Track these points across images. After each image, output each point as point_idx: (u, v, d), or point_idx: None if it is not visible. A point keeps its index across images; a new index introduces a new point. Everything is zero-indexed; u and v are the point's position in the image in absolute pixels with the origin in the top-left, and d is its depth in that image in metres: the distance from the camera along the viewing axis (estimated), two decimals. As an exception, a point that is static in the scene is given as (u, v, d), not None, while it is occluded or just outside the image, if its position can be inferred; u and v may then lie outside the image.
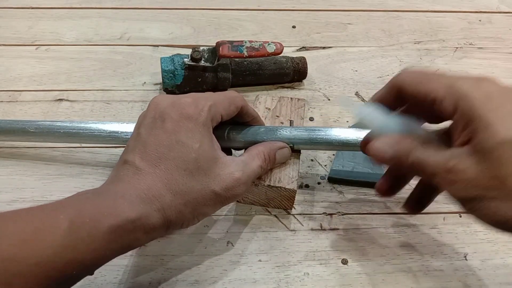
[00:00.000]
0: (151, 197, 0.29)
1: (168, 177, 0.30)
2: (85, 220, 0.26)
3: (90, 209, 0.27)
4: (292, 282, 0.36)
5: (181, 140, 0.31)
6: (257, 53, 0.46)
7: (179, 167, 0.31)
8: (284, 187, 0.37)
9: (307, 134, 0.39)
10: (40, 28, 0.59)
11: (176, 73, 0.48)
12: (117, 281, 0.35)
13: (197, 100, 0.33)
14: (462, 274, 0.36)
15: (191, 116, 0.32)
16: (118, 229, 0.27)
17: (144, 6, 0.64)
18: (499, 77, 0.26)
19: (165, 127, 0.32)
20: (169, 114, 0.32)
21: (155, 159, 0.31)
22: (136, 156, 0.31)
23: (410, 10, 0.65)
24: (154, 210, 0.29)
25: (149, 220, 0.29)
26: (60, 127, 0.41)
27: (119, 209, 0.28)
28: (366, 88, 0.53)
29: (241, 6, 0.64)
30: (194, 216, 0.32)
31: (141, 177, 0.30)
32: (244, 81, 0.51)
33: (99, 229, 0.26)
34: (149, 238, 0.30)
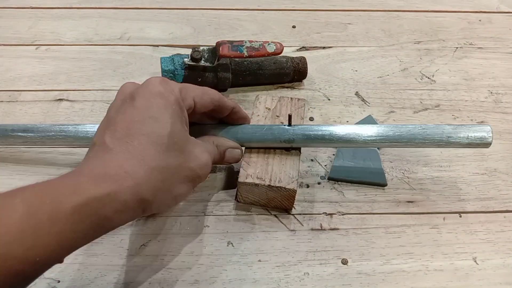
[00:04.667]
0: (123, 173, 0.27)
1: (143, 152, 0.29)
2: (44, 202, 0.24)
3: (50, 190, 0.25)
4: (292, 282, 0.36)
5: (154, 116, 0.30)
6: (257, 53, 0.46)
7: (154, 142, 0.29)
8: (285, 187, 0.37)
9: (304, 131, 0.39)
10: (40, 28, 0.59)
11: (176, 73, 0.48)
12: (117, 281, 0.35)
13: (166, 81, 0.33)
14: (462, 274, 0.36)
15: (162, 93, 0.31)
16: (82, 208, 0.25)
17: (144, 6, 0.64)
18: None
19: (135, 105, 0.31)
20: (139, 93, 0.31)
21: (127, 135, 0.29)
22: (105, 136, 0.30)
23: (410, 10, 0.65)
24: (126, 186, 0.27)
25: (119, 198, 0.27)
26: (59, 132, 0.41)
27: (83, 187, 0.26)
28: (366, 88, 0.53)
29: (241, 6, 0.64)
30: (172, 196, 0.31)
31: (111, 155, 0.28)
32: (245, 81, 0.51)
33: (61, 210, 0.24)
34: (122, 218, 0.28)
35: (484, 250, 0.38)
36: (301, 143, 0.40)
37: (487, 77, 0.54)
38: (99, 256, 0.37)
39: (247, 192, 0.39)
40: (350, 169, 0.43)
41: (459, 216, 0.40)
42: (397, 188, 0.42)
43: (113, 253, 0.37)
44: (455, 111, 0.50)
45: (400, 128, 0.39)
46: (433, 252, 0.38)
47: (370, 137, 0.39)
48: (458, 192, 0.42)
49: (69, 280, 0.35)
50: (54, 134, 0.41)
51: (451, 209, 0.41)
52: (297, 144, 0.40)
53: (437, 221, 0.40)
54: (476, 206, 0.41)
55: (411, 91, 0.52)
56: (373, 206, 0.41)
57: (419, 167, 0.44)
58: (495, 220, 0.40)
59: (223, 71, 0.49)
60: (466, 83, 0.54)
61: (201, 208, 0.40)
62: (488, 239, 0.39)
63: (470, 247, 0.38)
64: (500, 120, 0.49)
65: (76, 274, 0.36)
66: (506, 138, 0.47)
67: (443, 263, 0.37)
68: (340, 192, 0.42)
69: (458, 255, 0.38)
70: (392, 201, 0.41)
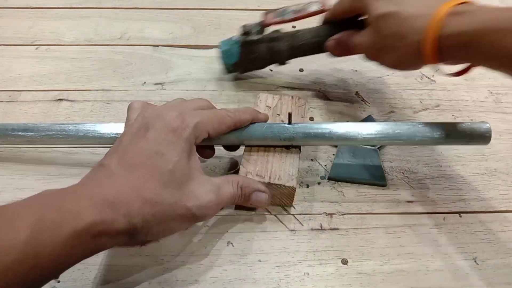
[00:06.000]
0: (119, 202, 0.29)
1: (140, 184, 0.30)
2: (47, 225, 0.26)
3: (53, 213, 0.26)
4: (292, 282, 0.36)
5: (160, 151, 0.31)
6: (300, 15, 0.45)
7: (154, 176, 0.30)
8: (284, 185, 0.38)
9: (304, 129, 0.40)
10: (40, 28, 0.59)
11: (232, 52, 0.49)
12: (117, 281, 0.35)
13: (183, 115, 0.34)
14: (462, 274, 0.36)
15: (175, 130, 0.32)
16: (81, 233, 0.26)
17: (144, 6, 0.64)
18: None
19: (147, 137, 0.32)
20: (154, 125, 0.33)
21: (131, 165, 0.30)
22: (112, 160, 0.31)
23: (410, 10, 0.64)
24: (121, 215, 0.28)
25: (114, 225, 0.28)
26: (59, 131, 0.41)
27: (82, 212, 0.27)
28: (366, 88, 0.53)
29: (241, 6, 0.64)
30: (160, 230, 0.31)
31: (112, 180, 0.30)
32: (303, 51, 0.49)
33: (62, 234, 0.26)
34: (114, 243, 0.29)
35: (484, 250, 0.38)
36: (301, 141, 0.40)
37: (487, 77, 0.54)
38: (99, 256, 0.37)
39: None
40: (350, 169, 0.43)
41: (459, 216, 0.40)
42: (397, 188, 0.42)
43: (113, 253, 0.37)
44: (455, 111, 0.50)
45: (400, 126, 0.39)
46: (433, 252, 0.38)
47: (370, 134, 0.39)
48: (458, 192, 0.42)
49: (69, 280, 0.35)
50: (54, 133, 0.41)
51: (451, 209, 0.41)
52: (297, 142, 0.40)
53: (437, 221, 0.40)
54: (476, 206, 0.41)
55: (411, 91, 0.52)
56: (373, 206, 0.41)
57: (419, 167, 0.44)
58: (495, 220, 0.40)
59: (277, 42, 0.48)
60: (466, 83, 0.54)
61: (201, 208, 0.40)
62: (488, 239, 0.39)
63: (470, 247, 0.38)
64: (500, 120, 0.49)
65: (76, 274, 0.36)
66: (506, 138, 0.47)
67: (443, 263, 0.37)
68: (340, 192, 0.42)
69: (458, 255, 0.38)
70: (392, 201, 0.41)
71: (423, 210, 0.41)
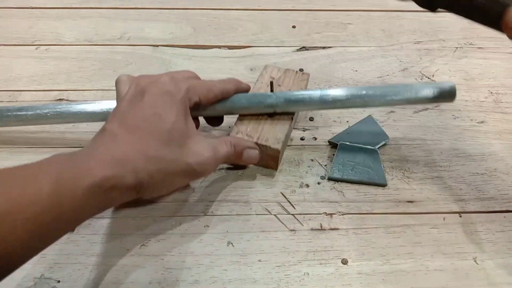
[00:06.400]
0: (125, 160, 0.31)
1: (142, 144, 0.32)
2: (66, 180, 0.28)
3: (69, 170, 0.29)
4: (292, 282, 0.36)
5: (158, 113, 0.34)
6: None
7: (153, 136, 0.33)
8: (269, 146, 0.40)
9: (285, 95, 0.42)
10: (40, 28, 0.59)
11: None
12: (117, 281, 0.35)
13: (176, 80, 0.36)
14: (462, 274, 0.36)
15: (169, 93, 0.35)
16: (95, 187, 0.29)
17: (144, 6, 0.64)
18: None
19: (144, 101, 0.34)
20: (149, 90, 0.35)
21: (132, 127, 0.33)
22: (114, 125, 0.33)
23: (410, 10, 0.65)
24: (128, 171, 0.31)
25: (123, 181, 0.30)
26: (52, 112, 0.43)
27: (95, 170, 0.29)
28: (366, 88, 0.53)
29: (241, 6, 0.64)
30: (164, 185, 0.34)
31: (117, 142, 0.32)
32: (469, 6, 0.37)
33: (79, 188, 0.28)
34: (123, 198, 0.32)
35: (484, 250, 0.38)
36: (283, 107, 0.42)
37: (487, 77, 0.54)
38: (99, 256, 0.37)
39: None
40: (350, 169, 0.43)
41: (459, 216, 0.40)
42: (397, 188, 0.42)
43: (113, 253, 0.37)
44: (455, 111, 0.50)
45: (374, 88, 0.42)
46: (433, 252, 0.38)
47: (345, 96, 0.42)
48: (458, 192, 0.42)
49: (69, 280, 0.35)
50: (48, 111, 0.42)
51: (451, 209, 0.41)
52: (280, 108, 0.42)
53: (437, 221, 0.40)
54: (476, 206, 0.41)
55: (411, 91, 0.52)
56: (373, 206, 0.41)
57: (419, 167, 0.44)
58: (495, 220, 0.40)
59: None
60: (466, 83, 0.54)
61: (201, 208, 0.40)
62: (488, 239, 0.39)
63: (470, 247, 0.38)
64: (500, 120, 0.49)
65: (76, 274, 0.36)
66: (506, 138, 0.47)
67: (443, 263, 0.37)
68: (340, 192, 0.42)
69: (458, 255, 0.38)
70: (392, 201, 0.41)
71: (423, 210, 0.41)
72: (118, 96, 0.37)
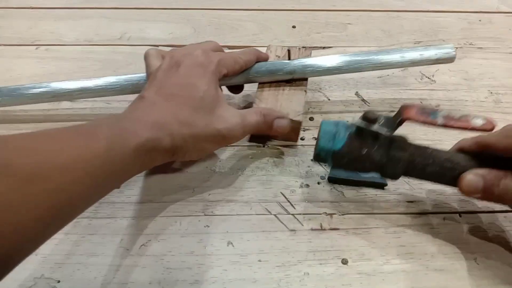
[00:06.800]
0: (163, 124, 0.34)
1: (177, 110, 0.35)
2: (117, 140, 0.30)
3: (119, 131, 0.32)
4: (292, 282, 0.36)
5: (192, 82, 0.37)
6: (456, 124, 0.34)
7: (187, 103, 0.36)
8: (292, 119, 0.42)
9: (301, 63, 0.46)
10: (40, 28, 0.59)
11: (337, 136, 0.36)
12: (117, 281, 0.35)
13: (207, 53, 0.40)
14: (462, 274, 0.36)
15: (202, 64, 0.38)
16: (141, 147, 0.32)
17: (144, 6, 0.64)
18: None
19: (179, 71, 0.38)
20: (184, 62, 0.38)
21: (168, 95, 0.36)
22: (151, 92, 0.36)
23: (410, 10, 0.65)
24: (166, 134, 0.34)
25: (161, 143, 0.33)
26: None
27: (139, 131, 0.32)
28: (366, 88, 0.53)
29: (241, 6, 0.64)
30: (196, 149, 0.37)
31: (154, 108, 0.35)
32: (424, 173, 0.36)
33: (128, 147, 0.31)
34: (161, 159, 0.35)
35: (484, 250, 0.38)
36: (301, 73, 0.46)
37: (487, 77, 0.54)
38: (99, 256, 0.37)
39: None
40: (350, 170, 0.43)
41: (459, 216, 0.40)
42: (397, 188, 0.42)
43: (113, 253, 0.37)
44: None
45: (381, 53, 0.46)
46: (433, 252, 0.38)
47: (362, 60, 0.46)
48: (458, 192, 0.42)
49: (69, 280, 0.35)
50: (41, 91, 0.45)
51: (451, 209, 0.41)
52: (298, 75, 0.46)
53: (437, 221, 0.40)
54: (476, 206, 0.41)
55: (411, 91, 0.52)
56: (373, 206, 0.41)
57: (419, 167, 0.44)
58: (495, 220, 0.40)
59: (399, 150, 0.35)
60: (466, 83, 0.54)
61: (201, 208, 0.40)
62: (488, 239, 0.39)
63: (470, 247, 0.38)
64: (500, 120, 0.49)
65: (76, 274, 0.36)
66: (506, 138, 0.47)
67: (443, 263, 0.37)
68: (340, 192, 0.42)
69: (458, 255, 0.38)
70: (392, 201, 0.41)
71: (423, 210, 0.41)
72: (149, 69, 0.40)
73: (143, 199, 0.41)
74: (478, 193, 0.34)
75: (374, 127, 0.34)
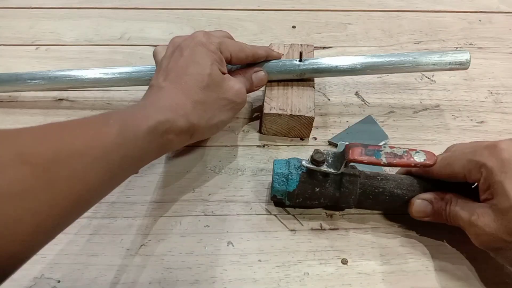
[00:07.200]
0: (175, 105, 0.35)
1: (188, 90, 0.36)
2: (128, 123, 0.31)
3: (130, 116, 0.32)
4: (292, 282, 0.36)
5: (196, 61, 0.38)
6: (399, 162, 0.35)
7: (197, 81, 0.37)
8: (304, 115, 0.43)
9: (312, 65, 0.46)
10: (40, 28, 0.59)
11: (289, 178, 0.38)
12: (117, 281, 0.35)
13: (209, 34, 0.40)
14: (463, 274, 0.36)
15: (204, 43, 0.39)
16: (154, 130, 0.32)
17: (144, 6, 0.64)
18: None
19: (182, 54, 0.38)
20: (186, 45, 0.39)
21: (176, 77, 0.37)
22: (159, 79, 0.37)
23: (410, 10, 0.65)
24: (180, 115, 0.34)
25: (176, 124, 0.34)
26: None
27: (150, 115, 0.33)
28: (366, 88, 0.53)
29: (241, 6, 0.64)
30: (213, 123, 0.38)
31: (165, 92, 0.36)
32: (376, 202, 0.38)
33: (140, 130, 0.31)
34: (180, 141, 0.35)
35: (484, 250, 0.38)
36: (311, 74, 0.46)
37: (487, 77, 0.54)
38: (99, 256, 0.37)
39: (271, 123, 0.45)
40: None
41: (459, 216, 0.40)
42: (397, 188, 0.42)
43: (113, 253, 0.37)
44: (455, 111, 0.50)
45: (395, 55, 0.45)
46: (433, 252, 0.38)
47: (374, 63, 0.45)
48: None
49: (69, 280, 0.35)
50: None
51: (451, 209, 0.41)
52: (308, 75, 0.46)
53: (437, 221, 0.40)
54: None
55: (411, 91, 0.52)
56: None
57: (419, 167, 0.44)
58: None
59: (349, 183, 0.37)
60: (466, 83, 0.54)
61: (201, 208, 0.40)
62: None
63: (470, 247, 0.38)
64: (500, 120, 0.49)
65: (76, 274, 0.36)
66: (506, 138, 0.47)
67: (443, 263, 0.37)
68: (340, 192, 0.42)
69: (458, 255, 0.38)
70: (392, 201, 0.41)
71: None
72: (157, 63, 0.41)
73: (143, 199, 0.41)
74: (428, 216, 0.37)
75: (323, 167, 0.36)
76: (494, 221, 0.31)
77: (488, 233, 0.32)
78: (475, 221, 0.32)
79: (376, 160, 0.34)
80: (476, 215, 0.32)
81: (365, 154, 0.35)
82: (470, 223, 0.33)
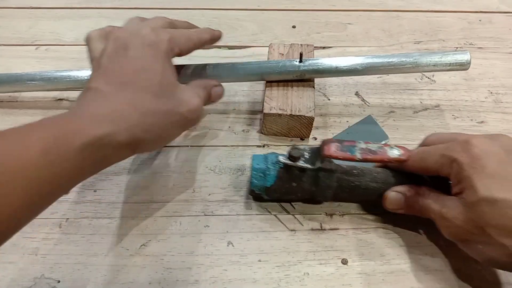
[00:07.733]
0: (118, 117, 0.30)
1: (135, 99, 0.31)
2: (57, 140, 0.27)
3: (60, 130, 0.28)
4: (292, 282, 0.36)
5: (145, 66, 0.33)
6: (374, 157, 0.36)
7: (145, 90, 0.32)
8: (304, 115, 0.43)
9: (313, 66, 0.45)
10: (40, 28, 0.59)
11: (267, 173, 0.38)
12: (117, 281, 0.35)
13: (156, 30, 0.35)
14: (463, 274, 0.36)
15: (153, 44, 0.34)
16: (88, 146, 0.28)
17: (144, 6, 0.64)
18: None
19: (128, 55, 0.33)
20: (132, 43, 0.34)
21: (121, 83, 0.32)
22: (100, 82, 0.32)
23: (410, 10, 0.65)
24: (122, 128, 0.30)
25: (116, 138, 0.29)
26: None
27: (86, 129, 0.28)
28: (366, 88, 0.53)
29: (241, 6, 0.64)
30: (161, 138, 0.34)
31: (107, 99, 0.31)
32: (351, 195, 0.39)
33: (71, 149, 0.27)
34: (118, 156, 0.31)
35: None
36: (311, 75, 0.46)
37: (487, 77, 0.54)
38: (99, 256, 0.37)
39: (271, 123, 0.45)
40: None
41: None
42: (397, 188, 0.42)
43: (113, 253, 0.37)
44: (455, 111, 0.50)
45: (396, 56, 0.45)
46: (433, 252, 0.38)
47: (375, 64, 0.45)
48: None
49: (69, 280, 0.35)
50: None
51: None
52: (309, 76, 0.46)
53: (437, 221, 0.40)
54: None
55: (411, 91, 0.52)
56: (373, 206, 0.41)
57: (419, 167, 0.44)
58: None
59: (326, 178, 0.37)
60: (466, 83, 0.54)
61: (201, 208, 0.40)
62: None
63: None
64: (500, 120, 0.49)
65: (76, 274, 0.36)
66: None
67: (443, 263, 0.37)
68: (340, 192, 0.42)
69: (459, 255, 0.38)
70: (392, 201, 0.41)
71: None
72: (92, 53, 0.36)
73: (143, 199, 0.41)
74: (402, 208, 0.37)
75: (299, 163, 0.36)
76: (462, 214, 0.32)
77: (456, 225, 0.32)
78: (445, 213, 0.33)
79: (351, 156, 0.35)
80: (446, 208, 0.33)
81: (340, 150, 0.35)
82: (440, 215, 0.33)
